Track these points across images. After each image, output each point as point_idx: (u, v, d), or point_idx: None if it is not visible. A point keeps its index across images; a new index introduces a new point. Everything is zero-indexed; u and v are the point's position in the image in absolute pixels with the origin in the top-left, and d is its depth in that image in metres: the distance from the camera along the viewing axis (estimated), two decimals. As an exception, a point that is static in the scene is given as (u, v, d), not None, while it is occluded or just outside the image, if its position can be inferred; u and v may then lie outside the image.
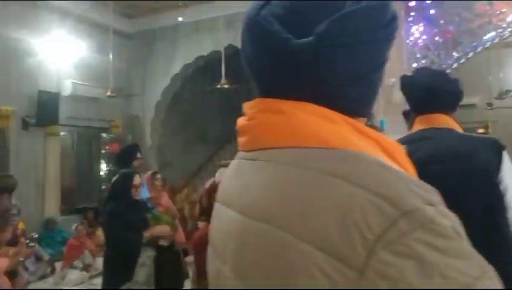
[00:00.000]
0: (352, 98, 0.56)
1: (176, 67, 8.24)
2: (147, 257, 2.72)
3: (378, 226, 0.42)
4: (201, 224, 1.93)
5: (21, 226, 5.07)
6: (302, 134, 0.54)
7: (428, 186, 0.47)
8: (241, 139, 0.64)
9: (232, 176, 0.65)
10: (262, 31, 0.57)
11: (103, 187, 8.23)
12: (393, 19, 0.56)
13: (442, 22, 6.61)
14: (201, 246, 1.78)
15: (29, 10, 6.62)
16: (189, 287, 2.17)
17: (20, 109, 6.59)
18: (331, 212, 0.45)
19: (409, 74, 1.60)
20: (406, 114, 1.63)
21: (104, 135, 8.28)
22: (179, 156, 9.81)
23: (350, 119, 0.55)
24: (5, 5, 6.28)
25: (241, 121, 0.64)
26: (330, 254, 0.43)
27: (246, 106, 0.64)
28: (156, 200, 3.69)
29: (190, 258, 3.65)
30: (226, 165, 3.64)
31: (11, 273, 2.62)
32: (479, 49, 6.45)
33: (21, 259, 2.65)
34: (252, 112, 0.61)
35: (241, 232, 0.54)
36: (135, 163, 3.73)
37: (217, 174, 4.10)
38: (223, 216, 0.62)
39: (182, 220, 5.81)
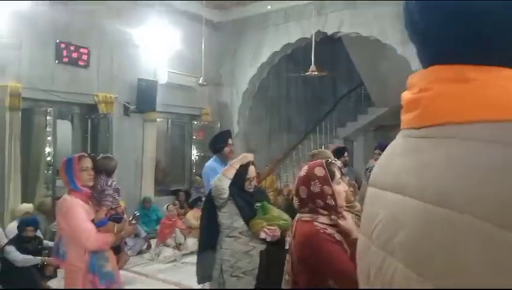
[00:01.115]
0: None
1: (264, 56, 8.28)
2: (252, 247, 2.73)
3: None
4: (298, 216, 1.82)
5: (122, 204, 5.54)
6: (501, 105, 0.44)
7: None
8: (407, 116, 0.55)
9: (395, 158, 0.56)
10: None
11: (194, 171, 8.66)
12: None
13: None
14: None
15: (130, 5, 7.09)
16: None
17: (122, 96, 7.15)
18: None
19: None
20: None
21: (195, 122, 8.65)
22: (264, 144, 9.93)
23: None
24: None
25: (407, 95, 0.55)
26: None
27: (414, 77, 0.55)
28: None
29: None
30: (315, 156, 3.54)
31: (115, 249, 2.75)
32: None
33: (124, 235, 2.78)
34: (425, 83, 0.52)
35: (417, 218, 0.46)
36: (226, 149, 3.80)
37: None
38: (383, 202, 0.54)
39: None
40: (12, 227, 5.38)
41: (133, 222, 2.79)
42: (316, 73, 6.29)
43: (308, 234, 1.71)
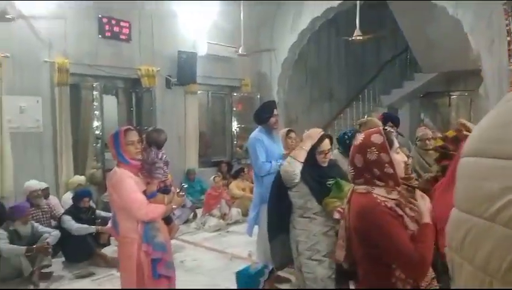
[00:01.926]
0: None
1: (304, 22, 8.00)
2: (330, 226, 2.57)
3: None
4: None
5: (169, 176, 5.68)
6: None
7: None
8: None
9: None
10: None
11: (235, 142, 8.71)
12: None
13: None
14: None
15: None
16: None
17: (163, 69, 7.20)
18: None
19: None
20: None
21: (234, 94, 8.62)
22: (304, 114, 9.77)
23: None
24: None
25: None
26: None
27: None
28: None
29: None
30: (363, 124, 3.38)
31: (166, 220, 2.79)
32: None
33: (174, 206, 2.79)
34: None
35: None
36: (272, 120, 3.74)
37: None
38: (501, 174, 0.46)
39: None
40: (67, 198, 5.68)
41: (181, 193, 2.80)
42: (361, 37, 6.00)
43: (366, 205, 1.62)
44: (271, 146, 3.70)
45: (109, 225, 3.22)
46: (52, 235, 4.39)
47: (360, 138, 1.74)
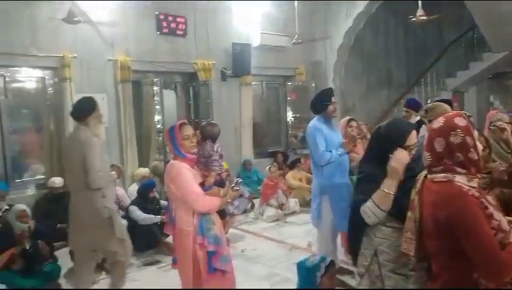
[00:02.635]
0: None
1: (360, 6, 7.71)
2: None
3: None
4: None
5: (225, 166, 5.75)
6: None
7: None
8: None
9: None
10: None
11: (290, 132, 8.66)
12: None
13: None
14: None
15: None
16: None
17: (218, 62, 7.30)
18: None
19: None
20: None
21: (289, 83, 8.54)
22: (361, 101, 9.47)
23: None
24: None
25: None
26: None
27: None
28: (349, 147, 3.58)
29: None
30: (430, 110, 3.16)
31: (221, 214, 2.85)
32: None
33: (228, 200, 2.77)
34: None
35: None
36: (330, 108, 3.65)
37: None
38: None
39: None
40: (133, 189, 5.98)
41: (236, 187, 2.77)
42: (424, 17, 5.64)
43: (451, 194, 1.49)
44: (330, 135, 3.61)
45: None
46: (121, 224, 4.64)
47: (440, 121, 1.61)
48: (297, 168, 7.02)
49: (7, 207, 4.95)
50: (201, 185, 2.59)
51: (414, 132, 2.08)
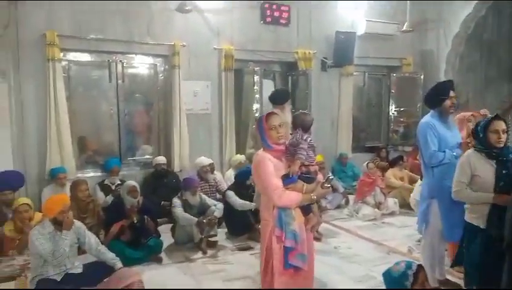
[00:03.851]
0: None
1: (483, -10, 6.87)
2: None
3: None
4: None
5: (319, 158, 5.51)
6: None
7: None
8: None
9: None
10: None
11: (391, 127, 8.15)
12: None
13: None
14: None
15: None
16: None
17: (320, 52, 7.11)
18: None
19: None
20: None
21: (393, 74, 8.00)
22: (477, 96, 8.48)
23: None
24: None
25: None
26: None
27: None
28: (467, 148, 3.19)
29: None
30: None
31: (305, 210, 2.58)
32: None
33: (314, 197, 2.53)
34: None
35: None
36: (447, 103, 3.27)
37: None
38: None
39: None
40: (229, 174, 6.17)
41: (326, 185, 2.59)
42: None
43: None
44: (445, 133, 3.26)
45: None
46: (217, 208, 4.80)
47: None
48: (400, 166, 6.56)
49: (119, 182, 5.47)
50: (287, 176, 2.49)
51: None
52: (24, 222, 4.10)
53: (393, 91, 8.06)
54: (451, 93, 3.29)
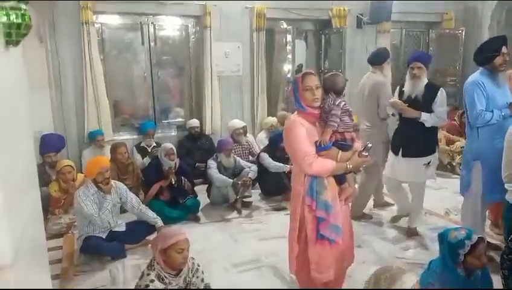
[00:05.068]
0: None
1: None
2: None
3: None
4: None
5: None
6: None
7: None
8: None
9: None
10: None
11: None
12: None
13: None
14: None
15: None
16: None
17: (355, 9, 6.78)
18: None
19: None
20: None
21: (432, 31, 7.59)
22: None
23: None
24: None
25: None
26: None
27: None
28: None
29: None
30: None
31: (339, 179, 2.44)
32: None
33: (349, 166, 2.37)
34: None
35: None
36: (498, 60, 3.05)
37: None
38: None
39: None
40: (261, 136, 6.17)
41: (364, 153, 2.40)
42: None
43: None
44: (494, 92, 3.09)
45: None
46: (252, 170, 4.86)
47: None
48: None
49: (155, 144, 5.59)
50: (317, 143, 2.35)
51: None
52: (68, 183, 4.29)
53: (431, 49, 7.66)
54: (504, 50, 3.08)
